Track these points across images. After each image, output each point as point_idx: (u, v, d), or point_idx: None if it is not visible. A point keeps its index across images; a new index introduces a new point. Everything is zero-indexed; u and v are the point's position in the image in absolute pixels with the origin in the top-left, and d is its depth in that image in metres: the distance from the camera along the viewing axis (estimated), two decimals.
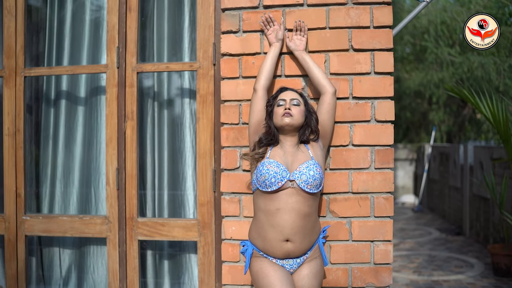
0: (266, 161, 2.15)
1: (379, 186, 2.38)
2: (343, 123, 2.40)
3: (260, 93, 2.28)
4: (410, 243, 7.34)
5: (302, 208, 2.12)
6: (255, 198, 2.22)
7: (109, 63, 2.77)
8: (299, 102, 2.21)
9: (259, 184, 2.14)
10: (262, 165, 2.15)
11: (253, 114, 2.28)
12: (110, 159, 2.76)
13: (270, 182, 2.10)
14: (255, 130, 2.28)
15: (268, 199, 2.14)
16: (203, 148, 2.66)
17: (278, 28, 2.37)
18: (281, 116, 2.18)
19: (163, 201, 2.92)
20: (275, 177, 2.10)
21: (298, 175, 2.12)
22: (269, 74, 2.31)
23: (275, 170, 2.11)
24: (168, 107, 2.93)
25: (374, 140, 2.38)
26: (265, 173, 2.11)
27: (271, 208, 2.13)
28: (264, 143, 2.23)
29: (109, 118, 2.77)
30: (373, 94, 2.38)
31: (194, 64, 2.69)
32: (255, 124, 2.27)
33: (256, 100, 2.28)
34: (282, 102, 2.22)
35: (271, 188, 2.11)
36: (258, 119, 2.27)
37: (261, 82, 2.29)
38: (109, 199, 2.77)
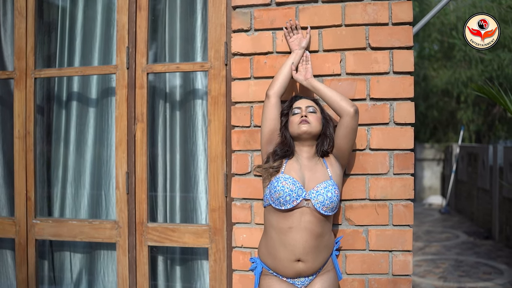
0: (282, 176, 2.02)
1: (398, 193, 2.24)
2: (360, 125, 2.27)
3: (273, 100, 2.14)
4: (436, 246, 7.12)
5: (315, 228, 1.99)
6: (267, 213, 2.09)
7: (118, 63, 2.70)
8: (315, 110, 2.09)
9: (272, 201, 2.01)
10: (277, 181, 2.01)
11: (266, 123, 2.14)
12: (120, 162, 2.69)
13: (284, 200, 1.97)
14: (268, 140, 2.14)
15: (280, 217, 2.01)
16: (214, 151, 2.57)
17: (302, 37, 2.25)
18: (298, 124, 2.05)
19: (175, 205, 2.84)
20: (290, 195, 1.97)
21: (314, 195, 1.99)
22: (285, 81, 2.17)
23: (290, 187, 1.98)
24: (180, 109, 2.85)
25: (393, 144, 2.25)
26: (280, 190, 1.98)
27: (283, 226, 2.01)
28: (280, 155, 2.09)
29: (119, 120, 2.70)
30: (392, 95, 2.24)
31: (205, 64, 2.60)
32: (268, 134, 2.14)
33: (268, 107, 2.14)
34: (297, 110, 2.09)
35: (285, 206, 1.98)
36: (271, 128, 2.13)
37: (275, 88, 2.15)
38: (118, 203, 2.70)
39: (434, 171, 12.43)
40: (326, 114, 2.14)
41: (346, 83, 2.28)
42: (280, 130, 2.13)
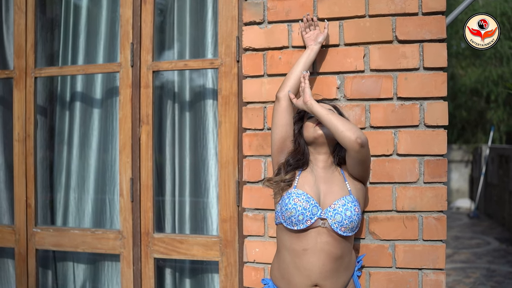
0: (294, 192, 1.78)
1: (429, 204, 1.99)
2: (385, 128, 2.02)
3: (284, 103, 1.90)
4: (465, 253, 6.76)
5: (333, 250, 1.75)
6: (279, 232, 1.86)
7: (122, 61, 2.50)
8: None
9: (283, 220, 1.78)
10: (288, 197, 1.77)
11: (277, 129, 1.91)
12: (124, 167, 2.50)
13: (297, 219, 1.74)
14: (280, 148, 1.91)
15: (294, 237, 1.78)
16: (225, 156, 2.35)
17: (319, 32, 2.01)
18: (314, 127, 1.82)
19: (184, 214, 2.63)
20: (304, 214, 1.73)
21: (331, 213, 1.74)
22: (297, 81, 1.93)
23: (304, 205, 1.74)
24: (189, 110, 2.64)
25: (424, 149, 1.99)
26: (292, 209, 1.74)
27: (296, 247, 1.77)
28: (292, 166, 1.86)
29: (123, 122, 2.50)
30: (422, 93, 1.99)
31: (215, 61, 2.38)
32: (279, 142, 1.90)
33: (279, 111, 1.90)
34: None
35: (297, 226, 1.75)
36: (283, 135, 1.90)
37: (287, 89, 1.91)
38: (122, 212, 2.50)
39: (462, 173, 12.00)
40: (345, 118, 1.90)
41: (370, 80, 2.03)
42: (293, 137, 1.91)
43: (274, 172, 1.92)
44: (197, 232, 2.60)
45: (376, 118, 2.03)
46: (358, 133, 1.70)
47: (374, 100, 2.04)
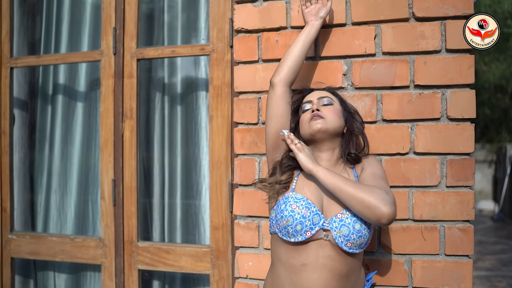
0: (291, 196, 1.48)
1: (453, 212, 1.67)
2: (400, 122, 1.71)
3: (279, 90, 1.61)
4: (490, 260, 6.35)
5: (337, 266, 1.44)
6: (273, 243, 1.55)
7: (104, 48, 2.24)
8: (331, 101, 1.56)
9: (278, 229, 1.48)
10: (285, 203, 1.47)
11: (271, 121, 1.61)
12: (105, 167, 2.23)
13: (294, 230, 1.43)
14: (275, 144, 1.61)
15: (290, 250, 1.47)
16: (217, 155, 2.06)
17: (321, 5, 1.71)
18: (309, 122, 1.52)
19: (174, 220, 2.35)
20: (303, 224, 1.42)
21: (337, 224, 1.43)
22: (295, 63, 1.64)
23: (303, 212, 1.43)
24: (179, 103, 2.36)
25: (446, 147, 1.68)
26: (288, 216, 1.44)
27: (294, 262, 1.46)
28: (290, 165, 1.56)
29: (104, 117, 2.23)
30: (444, 80, 1.68)
31: (206, 47, 2.09)
32: (274, 136, 1.61)
33: (274, 100, 1.61)
34: (308, 105, 1.58)
35: (295, 238, 1.44)
36: (279, 128, 1.60)
37: (283, 73, 1.62)
38: (104, 217, 2.23)
39: (485, 174, 11.54)
40: (349, 106, 1.60)
41: (383, 66, 1.72)
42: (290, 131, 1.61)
43: (268, 171, 1.63)
44: (189, 240, 2.32)
45: (389, 110, 1.72)
46: (379, 212, 1.35)
47: (387, 88, 1.73)
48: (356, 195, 1.38)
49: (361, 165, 1.56)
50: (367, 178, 1.49)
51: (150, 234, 2.34)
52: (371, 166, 1.54)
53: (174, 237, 2.34)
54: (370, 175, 1.50)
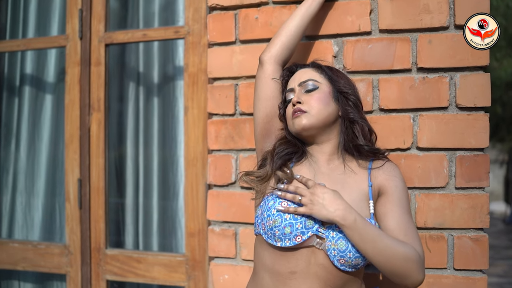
0: None
1: (464, 219, 1.41)
2: (401, 111, 1.45)
3: (269, 68, 1.36)
4: (502, 265, 6.03)
5: (331, 278, 1.19)
6: (258, 245, 1.30)
7: (69, 33, 2.00)
8: (315, 84, 1.29)
9: (263, 230, 1.22)
10: (274, 199, 1.21)
11: (260, 104, 1.37)
12: (71, 166, 1.99)
13: (282, 233, 1.18)
14: (264, 130, 1.37)
15: (277, 255, 1.22)
16: (193, 151, 1.81)
17: None
18: (291, 119, 1.28)
19: (148, 225, 2.10)
20: (293, 226, 1.17)
21: (334, 235, 1.17)
22: (290, 40, 1.38)
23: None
24: (154, 94, 2.11)
25: (455, 141, 1.41)
26: (276, 216, 1.18)
27: (281, 269, 1.21)
28: (283, 156, 1.30)
29: (70, 109, 1.99)
30: (452, 62, 1.41)
31: (180, 29, 1.84)
32: (263, 121, 1.36)
33: (263, 80, 1.36)
34: (290, 94, 1.33)
35: (282, 242, 1.19)
36: (268, 112, 1.35)
37: (274, 49, 1.37)
38: (69, 221, 1.99)
39: (496, 175, 11.21)
40: (342, 85, 1.31)
41: (380, 45, 1.46)
42: (279, 118, 1.37)
43: (257, 163, 1.37)
44: (165, 247, 2.07)
45: (387, 97, 1.45)
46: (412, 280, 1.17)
47: (385, 72, 1.47)
48: (391, 260, 1.14)
49: (381, 171, 1.27)
50: (395, 219, 1.21)
51: (122, 240, 2.10)
52: (397, 190, 1.25)
53: (149, 243, 2.09)
54: (398, 213, 1.22)
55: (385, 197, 1.24)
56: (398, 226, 1.21)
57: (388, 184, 1.25)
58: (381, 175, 1.26)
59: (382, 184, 1.25)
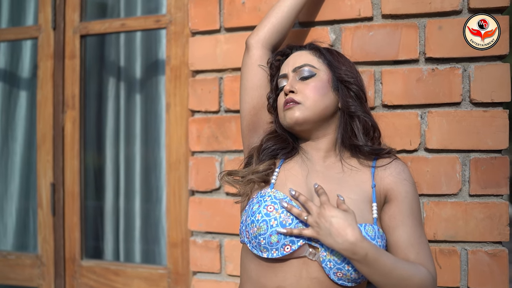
0: (269, 194, 1.05)
1: (480, 231, 1.23)
2: (407, 108, 1.27)
3: (256, 53, 1.19)
4: None
5: None
6: (243, 256, 1.12)
7: (42, 22, 1.83)
8: (311, 71, 1.11)
9: (248, 238, 1.05)
10: (258, 202, 1.04)
11: (246, 93, 1.20)
12: (43, 168, 1.82)
13: (267, 242, 1.00)
14: (252, 123, 1.20)
15: (263, 267, 1.04)
16: (175, 153, 1.64)
17: None
18: (283, 110, 1.11)
19: (130, 233, 1.93)
20: (280, 235, 1.00)
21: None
22: (282, 22, 1.21)
23: (282, 218, 1.00)
24: (136, 90, 1.93)
25: (469, 141, 1.23)
26: (261, 222, 1.01)
27: (267, 283, 1.03)
28: (271, 152, 1.13)
29: (42, 107, 1.82)
30: (466, 52, 1.23)
31: (162, 18, 1.67)
32: (250, 114, 1.19)
33: (249, 66, 1.19)
34: (283, 81, 1.15)
35: (268, 253, 1.01)
36: (255, 103, 1.19)
37: (262, 32, 1.20)
38: (42, 229, 1.82)
39: None
40: (343, 73, 1.12)
41: (383, 33, 1.28)
42: (267, 109, 1.20)
43: (244, 161, 1.19)
44: (148, 258, 1.89)
45: (391, 92, 1.28)
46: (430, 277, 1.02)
47: (389, 63, 1.29)
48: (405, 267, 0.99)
49: (388, 172, 1.08)
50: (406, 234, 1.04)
51: (101, 249, 1.92)
52: (407, 196, 1.07)
53: (130, 254, 1.91)
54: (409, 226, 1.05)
55: (395, 205, 1.06)
56: (410, 243, 1.04)
57: (397, 189, 1.07)
58: (388, 176, 1.07)
59: (390, 188, 1.07)
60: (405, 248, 1.03)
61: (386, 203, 1.07)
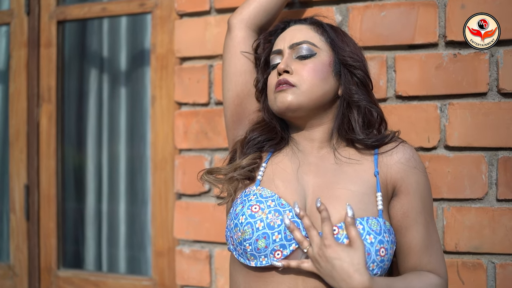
0: (254, 192, 0.90)
1: (509, 240, 1.07)
2: (424, 99, 1.11)
3: (239, 35, 1.04)
4: None
5: None
6: (231, 265, 0.97)
7: (14, 7, 1.66)
8: (311, 49, 0.95)
9: (233, 246, 0.90)
10: (242, 202, 0.90)
11: (229, 80, 1.05)
12: (16, 168, 1.65)
13: (254, 248, 0.86)
14: (236, 115, 1.05)
15: (252, 277, 0.89)
16: (161, 151, 1.47)
17: None
18: (274, 92, 0.94)
19: (113, 240, 1.76)
20: (268, 238, 0.85)
21: None
22: (270, 1, 1.05)
23: (270, 219, 0.86)
24: (120, 82, 1.77)
25: (497, 138, 1.07)
26: (245, 225, 0.86)
27: None
28: (257, 143, 0.98)
29: (15, 100, 1.66)
30: None
31: (146, 2, 1.50)
32: (234, 103, 1.05)
33: (231, 49, 1.05)
34: (276, 58, 0.99)
35: (256, 261, 0.87)
36: (239, 91, 1.04)
37: (246, 11, 1.05)
38: (14, 236, 1.65)
39: None
40: (347, 55, 0.96)
41: (396, 13, 1.12)
42: (256, 96, 1.05)
43: (228, 156, 1.03)
44: (133, 267, 1.72)
45: (406, 81, 1.11)
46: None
47: (404, 48, 1.12)
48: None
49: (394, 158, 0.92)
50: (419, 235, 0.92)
51: (82, 258, 1.75)
52: (419, 188, 0.92)
53: (114, 262, 1.74)
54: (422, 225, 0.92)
55: (407, 200, 0.91)
56: (424, 244, 0.92)
57: (408, 180, 0.91)
58: (396, 164, 0.91)
59: (399, 178, 0.91)
60: (419, 251, 0.92)
61: (396, 196, 0.92)
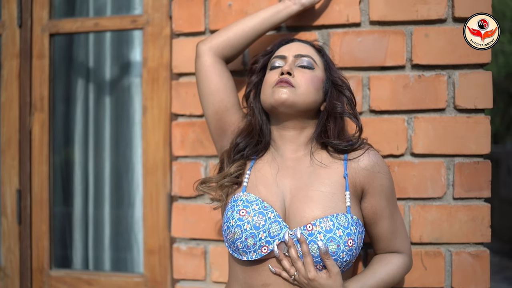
0: (241, 198, 1.07)
1: (463, 233, 1.27)
2: (394, 113, 1.29)
3: (208, 60, 1.21)
4: None
5: None
6: (230, 258, 1.14)
7: (6, 19, 1.73)
8: (312, 64, 1.12)
9: (228, 244, 1.08)
10: (232, 208, 1.06)
11: (206, 100, 1.22)
12: (8, 174, 1.71)
13: (244, 245, 1.03)
14: (218, 129, 1.22)
15: (248, 268, 1.07)
16: (152, 157, 1.59)
17: None
18: (273, 87, 1.10)
19: (100, 240, 1.85)
20: (255, 237, 1.02)
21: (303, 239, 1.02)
22: (239, 39, 1.22)
23: (255, 221, 1.03)
24: (107, 92, 1.86)
25: (454, 146, 1.27)
26: (235, 227, 1.03)
27: (253, 282, 1.06)
28: (241, 151, 1.15)
29: (7, 109, 1.72)
30: (451, 59, 1.27)
31: (138, 18, 1.62)
32: (215, 119, 1.21)
33: (203, 73, 1.21)
34: (279, 61, 1.15)
35: (247, 255, 1.04)
36: (217, 107, 1.20)
37: (215, 41, 1.21)
38: (6, 239, 1.72)
39: None
40: (335, 75, 1.16)
41: (371, 39, 1.30)
42: (246, 101, 1.23)
43: (218, 166, 1.19)
44: (119, 266, 1.82)
45: (379, 97, 1.29)
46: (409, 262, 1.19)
47: (377, 69, 1.31)
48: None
49: (361, 165, 1.08)
50: (386, 225, 1.13)
51: (70, 258, 1.84)
52: (383, 189, 1.10)
53: (101, 262, 1.84)
54: (388, 217, 1.12)
55: (374, 199, 1.10)
56: (391, 231, 1.13)
57: (373, 183, 1.09)
58: (362, 171, 1.08)
59: (366, 182, 1.09)
60: (386, 237, 1.13)
61: (364, 197, 1.10)
